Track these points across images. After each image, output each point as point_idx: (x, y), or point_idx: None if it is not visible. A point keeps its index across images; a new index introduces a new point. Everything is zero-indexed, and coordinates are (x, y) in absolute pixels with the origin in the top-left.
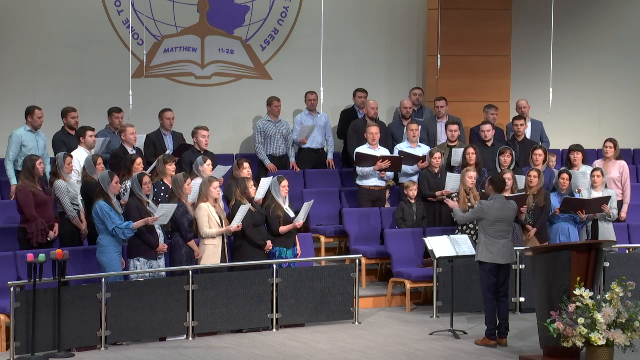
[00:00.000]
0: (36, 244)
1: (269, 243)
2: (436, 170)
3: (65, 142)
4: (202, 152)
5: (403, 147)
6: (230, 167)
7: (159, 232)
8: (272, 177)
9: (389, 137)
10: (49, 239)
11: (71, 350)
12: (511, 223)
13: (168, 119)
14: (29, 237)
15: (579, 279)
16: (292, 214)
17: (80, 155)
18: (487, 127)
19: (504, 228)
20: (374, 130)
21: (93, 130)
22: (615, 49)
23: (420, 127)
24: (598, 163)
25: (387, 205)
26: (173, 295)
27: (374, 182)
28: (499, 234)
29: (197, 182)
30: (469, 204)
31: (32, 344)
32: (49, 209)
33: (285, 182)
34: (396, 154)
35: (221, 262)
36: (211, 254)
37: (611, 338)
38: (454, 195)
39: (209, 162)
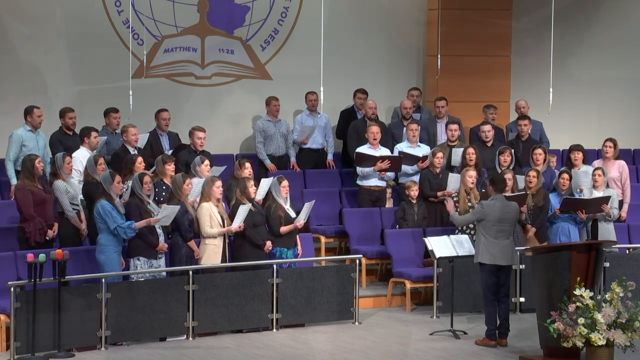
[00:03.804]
0: (34, 243)
1: (269, 243)
2: (437, 170)
3: (62, 142)
4: (197, 153)
5: (403, 147)
6: (225, 166)
7: (159, 231)
8: (272, 177)
9: (389, 137)
10: (47, 238)
11: (71, 350)
12: (512, 224)
13: (164, 119)
14: (26, 236)
15: (579, 279)
16: (293, 214)
17: (82, 156)
18: (487, 127)
19: (505, 228)
20: (374, 130)
21: (97, 131)
22: (616, 49)
23: (420, 127)
24: (597, 163)
25: (390, 205)
26: (173, 295)
27: (374, 182)
28: (499, 234)
29: (195, 181)
30: (469, 204)
31: (32, 344)
32: (48, 208)
33: (285, 183)
34: (396, 154)
35: (221, 262)
36: (212, 254)
37: (611, 338)
38: (454, 195)
39: (206, 162)
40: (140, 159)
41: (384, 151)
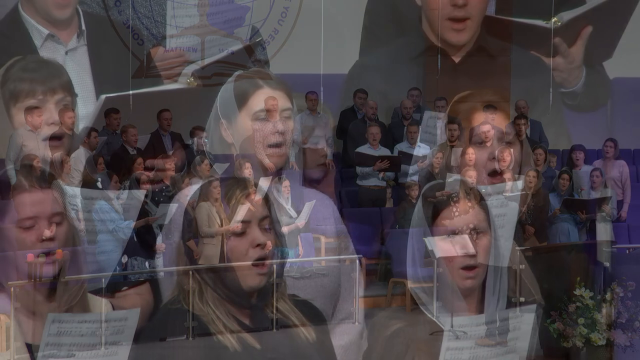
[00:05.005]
0: (30, 243)
1: (269, 243)
2: (436, 171)
3: None
4: (198, 153)
5: (403, 147)
6: (228, 164)
7: (157, 231)
8: (270, 177)
9: (389, 137)
10: (44, 238)
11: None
12: (513, 224)
13: (166, 119)
14: (23, 235)
15: (579, 279)
16: (294, 214)
17: (81, 155)
18: (487, 127)
19: (505, 229)
20: (374, 131)
21: (97, 131)
22: (616, 49)
23: (420, 127)
24: (597, 163)
25: (390, 205)
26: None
27: (374, 182)
28: (499, 235)
29: (195, 182)
30: (469, 204)
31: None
32: (46, 207)
33: (286, 183)
34: (396, 154)
35: (220, 262)
36: (210, 254)
37: (611, 338)
38: (454, 195)
39: (206, 161)
40: (140, 159)
41: (384, 151)
